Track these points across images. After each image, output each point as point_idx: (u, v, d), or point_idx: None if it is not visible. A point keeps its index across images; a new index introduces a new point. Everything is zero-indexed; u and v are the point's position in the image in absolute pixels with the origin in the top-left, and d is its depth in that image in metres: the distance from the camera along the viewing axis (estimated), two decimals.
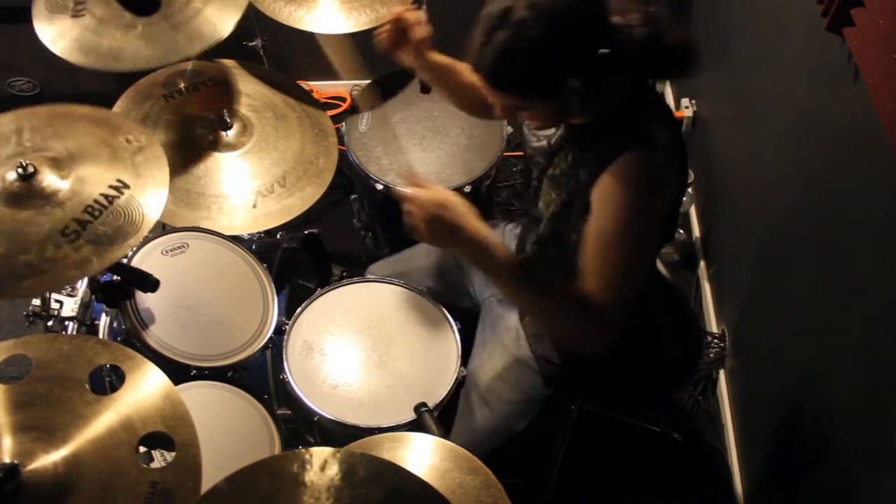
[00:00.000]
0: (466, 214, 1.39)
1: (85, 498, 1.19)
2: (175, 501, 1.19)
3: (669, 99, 3.07)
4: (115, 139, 1.53)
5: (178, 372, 1.68)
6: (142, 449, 1.26)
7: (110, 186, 1.46)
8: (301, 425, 1.83)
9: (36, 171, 1.43)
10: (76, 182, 1.46)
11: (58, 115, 1.57)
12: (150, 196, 1.46)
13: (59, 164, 1.48)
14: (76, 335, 1.71)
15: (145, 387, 1.30)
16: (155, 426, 1.27)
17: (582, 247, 1.38)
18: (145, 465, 1.23)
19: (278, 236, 2.09)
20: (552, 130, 1.56)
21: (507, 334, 1.79)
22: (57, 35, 1.82)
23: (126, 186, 1.46)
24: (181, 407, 1.30)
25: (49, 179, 1.45)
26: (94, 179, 1.47)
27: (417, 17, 1.60)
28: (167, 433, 1.26)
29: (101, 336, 1.80)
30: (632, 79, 1.37)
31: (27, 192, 1.43)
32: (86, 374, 1.30)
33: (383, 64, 2.16)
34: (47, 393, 1.27)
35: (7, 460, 1.20)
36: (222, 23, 1.89)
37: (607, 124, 1.40)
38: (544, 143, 1.58)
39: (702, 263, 2.66)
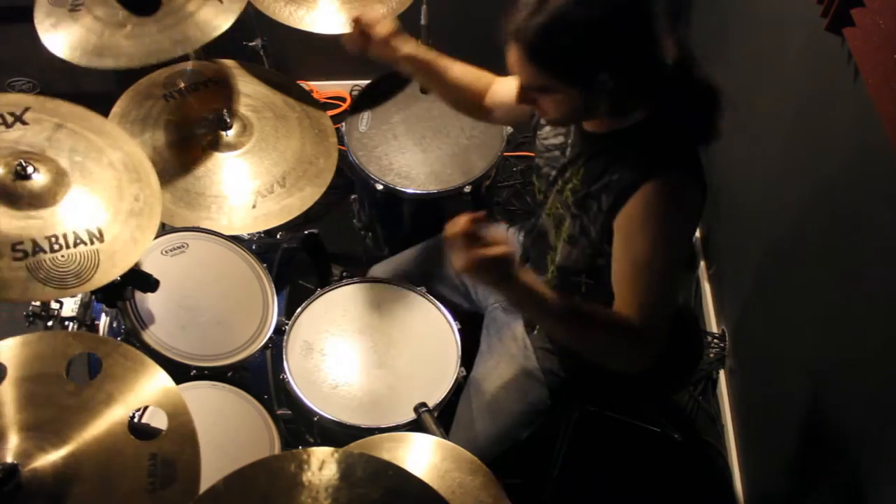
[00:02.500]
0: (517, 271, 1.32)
1: (88, 485, 1.20)
2: (177, 468, 1.20)
3: None
4: (129, 188, 1.50)
5: (178, 372, 1.68)
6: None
7: (87, 230, 1.42)
8: (301, 425, 1.84)
9: (35, 172, 1.42)
10: (63, 205, 1.43)
11: (102, 131, 1.54)
12: (111, 263, 1.41)
13: (60, 179, 1.45)
14: (44, 332, 1.69)
15: (124, 366, 1.30)
16: (142, 402, 1.27)
17: (615, 273, 1.39)
18: (141, 440, 1.23)
19: (278, 236, 2.09)
20: (561, 139, 1.55)
21: (514, 343, 1.79)
22: (50, 27, 1.81)
23: (100, 240, 1.42)
24: (164, 378, 1.30)
25: (42, 188, 1.42)
26: (80, 214, 1.43)
27: (376, 15, 1.62)
28: (155, 405, 1.27)
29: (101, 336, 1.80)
30: (656, 98, 1.35)
31: (15, 189, 1.41)
32: (63, 367, 1.30)
33: (383, 64, 2.16)
34: (28, 393, 1.26)
35: (6, 461, 1.20)
36: (211, 28, 1.87)
37: (626, 140, 1.39)
38: (557, 153, 1.56)
39: (702, 263, 2.66)
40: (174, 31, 1.85)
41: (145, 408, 1.30)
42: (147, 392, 1.28)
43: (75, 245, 1.39)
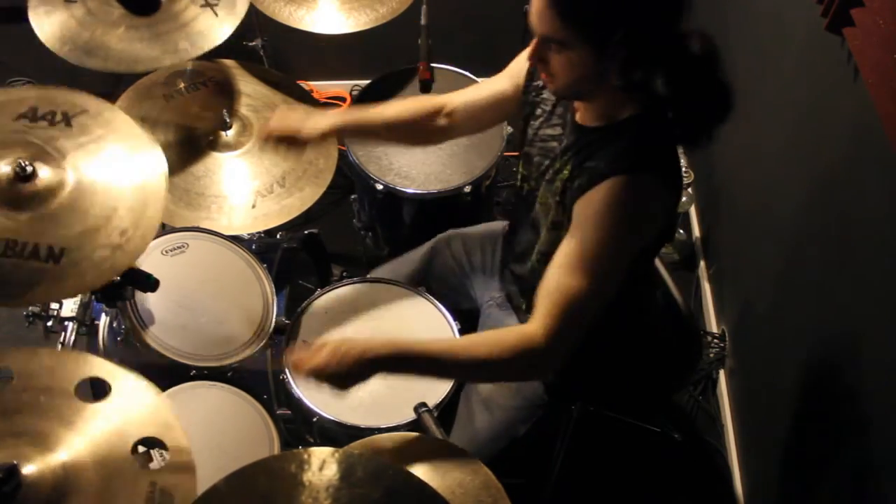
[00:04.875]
0: (360, 344, 1.35)
1: (85, 500, 1.19)
2: (175, 499, 1.20)
3: None
4: (122, 219, 1.41)
5: (178, 372, 1.68)
6: (141, 448, 1.26)
7: (49, 245, 1.33)
8: (301, 425, 1.83)
9: (34, 173, 1.41)
10: (43, 214, 1.38)
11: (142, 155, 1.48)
12: (51, 289, 1.32)
13: (56, 190, 1.41)
14: (61, 350, 1.68)
15: (132, 396, 1.30)
16: (145, 432, 1.26)
17: (550, 264, 1.37)
18: (141, 467, 1.23)
19: (278, 236, 2.09)
20: (558, 130, 1.55)
21: None
22: (44, 15, 1.79)
23: (56, 261, 1.32)
24: (166, 410, 1.30)
25: (32, 192, 1.39)
26: (52, 228, 1.36)
27: (286, 122, 1.64)
28: (158, 436, 1.26)
29: (101, 336, 1.80)
30: (667, 88, 1.33)
31: (9, 187, 1.39)
32: (71, 384, 1.28)
33: (383, 64, 2.17)
34: (33, 401, 1.26)
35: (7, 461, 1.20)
36: (203, 42, 1.85)
37: (615, 134, 1.39)
38: (553, 143, 1.55)
39: (702, 263, 2.66)
40: (166, 40, 1.82)
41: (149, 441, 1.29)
42: (151, 423, 1.27)
43: (28, 258, 1.31)
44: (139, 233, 1.41)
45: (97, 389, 1.34)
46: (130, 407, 1.28)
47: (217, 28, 1.86)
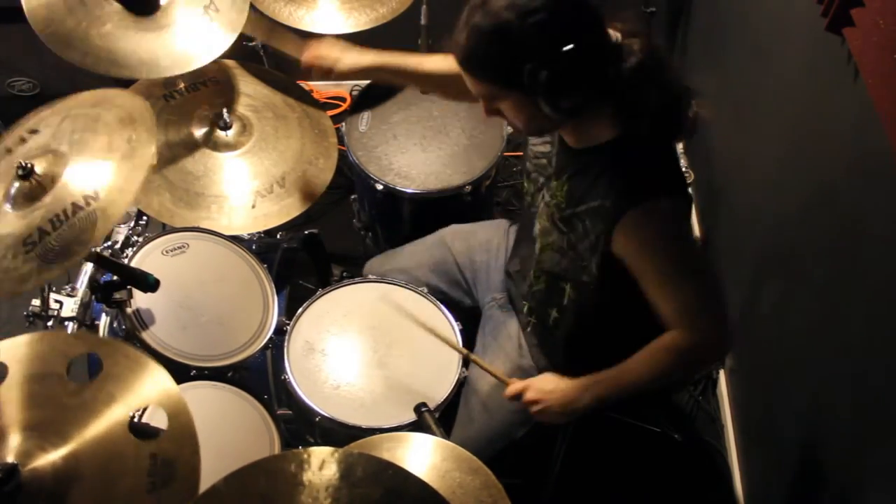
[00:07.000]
0: (568, 387, 1.51)
1: (88, 485, 1.19)
2: (177, 469, 1.20)
3: None
4: (121, 134, 1.45)
5: (178, 372, 1.68)
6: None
7: (84, 196, 1.38)
8: (301, 425, 1.83)
9: (32, 167, 1.41)
10: (62, 183, 1.41)
11: (99, 101, 1.51)
12: (106, 217, 1.36)
13: (59, 162, 1.43)
14: (46, 332, 1.67)
15: (125, 367, 1.30)
16: (142, 402, 1.26)
17: (650, 297, 1.42)
18: (140, 440, 1.22)
19: (278, 236, 2.09)
20: (548, 147, 1.55)
21: (509, 342, 1.79)
22: (37, 4, 1.76)
23: (95, 199, 1.37)
24: (164, 378, 1.30)
25: (43, 178, 1.41)
26: (77, 184, 1.40)
27: (323, 53, 1.73)
28: (156, 405, 1.27)
29: (101, 336, 1.80)
30: (613, 100, 1.36)
31: (20, 191, 1.41)
32: (63, 367, 1.29)
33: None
34: (29, 392, 1.26)
35: (6, 461, 1.20)
36: (183, 62, 1.81)
37: (604, 158, 1.40)
38: (544, 160, 1.56)
39: None
40: (146, 51, 1.78)
41: (145, 407, 1.29)
42: (148, 392, 1.28)
43: (74, 214, 1.36)
44: (143, 128, 1.45)
45: (91, 369, 1.34)
46: (125, 379, 1.28)
47: (200, 53, 1.82)
